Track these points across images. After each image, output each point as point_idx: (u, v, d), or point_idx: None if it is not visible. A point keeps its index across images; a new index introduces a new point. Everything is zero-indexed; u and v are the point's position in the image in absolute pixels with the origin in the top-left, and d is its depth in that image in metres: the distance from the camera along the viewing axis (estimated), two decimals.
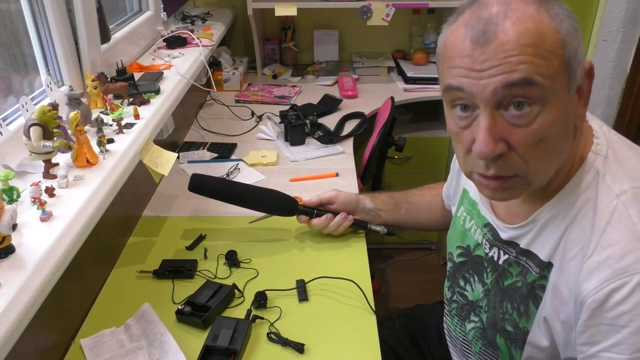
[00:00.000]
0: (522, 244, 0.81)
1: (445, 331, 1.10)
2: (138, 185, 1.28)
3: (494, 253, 0.88)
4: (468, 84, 0.65)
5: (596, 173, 0.71)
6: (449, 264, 1.03)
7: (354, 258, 1.16)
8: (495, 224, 0.87)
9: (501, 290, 0.86)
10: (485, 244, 0.90)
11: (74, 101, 1.11)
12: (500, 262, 0.86)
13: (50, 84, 1.11)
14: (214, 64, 2.07)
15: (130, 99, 1.32)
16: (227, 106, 1.94)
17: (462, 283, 0.97)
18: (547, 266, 0.76)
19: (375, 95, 2.07)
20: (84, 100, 1.17)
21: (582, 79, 0.67)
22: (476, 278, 0.93)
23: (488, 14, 0.64)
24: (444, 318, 1.09)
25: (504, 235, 0.85)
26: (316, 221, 1.17)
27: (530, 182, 0.70)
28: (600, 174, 0.71)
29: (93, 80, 1.25)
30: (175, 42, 1.81)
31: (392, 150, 1.94)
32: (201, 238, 1.23)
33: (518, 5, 0.64)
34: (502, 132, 0.66)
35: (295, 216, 1.19)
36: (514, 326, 0.84)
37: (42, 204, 0.88)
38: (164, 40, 1.82)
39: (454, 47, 0.67)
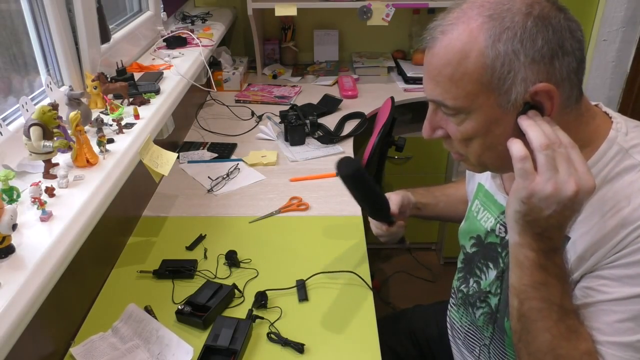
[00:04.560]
0: None
1: (448, 325, 1.10)
2: (138, 185, 1.28)
3: None
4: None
5: (620, 147, 0.74)
6: (461, 256, 1.05)
7: (354, 256, 1.16)
8: None
9: None
10: (500, 229, 0.91)
11: (74, 101, 1.11)
12: None
13: (50, 84, 1.11)
14: (214, 64, 2.07)
15: (130, 99, 1.32)
16: (227, 106, 1.94)
17: (477, 272, 0.98)
18: (564, 240, 0.77)
19: (375, 95, 2.07)
20: (84, 100, 1.17)
21: (534, 96, 0.68)
22: (491, 265, 0.94)
23: (434, 24, 0.72)
24: (448, 311, 1.10)
25: None
26: (393, 229, 1.11)
27: (475, 165, 0.79)
28: (624, 148, 0.74)
29: (93, 80, 1.25)
30: (175, 42, 1.81)
31: (392, 150, 1.94)
32: (201, 238, 1.23)
33: (469, 17, 0.68)
34: (441, 122, 0.77)
35: (386, 224, 1.10)
36: None
37: (42, 204, 0.88)
38: (164, 40, 1.82)
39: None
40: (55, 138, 0.98)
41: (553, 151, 0.66)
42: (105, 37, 1.39)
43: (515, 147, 0.67)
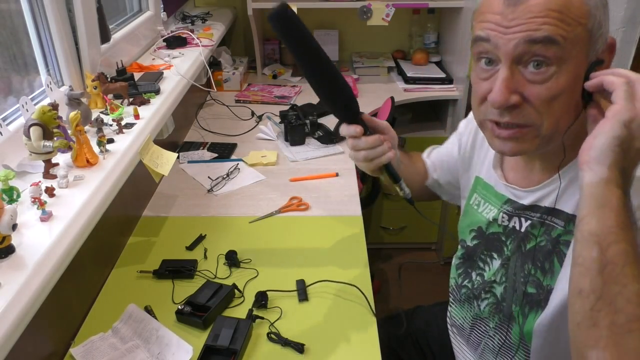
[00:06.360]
0: (547, 203, 0.83)
1: (449, 324, 1.10)
2: (138, 185, 1.28)
3: (515, 223, 0.89)
4: (494, 37, 0.71)
5: None
6: (460, 252, 1.04)
7: (354, 257, 1.16)
8: (515, 195, 0.89)
9: (523, 254, 0.88)
10: (503, 217, 0.91)
11: (74, 101, 1.11)
12: (523, 229, 0.88)
13: (50, 84, 1.11)
14: (214, 64, 2.07)
15: (130, 99, 1.32)
16: (227, 106, 1.94)
17: (481, 264, 0.98)
18: (572, 219, 0.79)
19: (375, 95, 2.07)
20: (84, 100, 1.17)
21: (603, 52, 0.71)
22: (495, 255, 0.94)
23: None
24: (449, 310, 1.09)
25: (527, 200, 0.86)
26: (370, 138, 0.95)
27: (540, 135, 0.74)
28: None
29: (93, 80, 1.25)
30: (175, 42, 1.81)
31: None
32: (201, 238, 1.23)
33: None
34: (518, 85, 0.71)
35: (348, 124, 0.95)
36: (538, 286, 0.85)
37: (42, 204, 0.88)
38: (164, 40, 1.82)
39: (488, 4, 0.72)
40: (55, 138, 0.98)
41: None
42: (105, 37, 1.39)
43: (609, 77, 0.67)
